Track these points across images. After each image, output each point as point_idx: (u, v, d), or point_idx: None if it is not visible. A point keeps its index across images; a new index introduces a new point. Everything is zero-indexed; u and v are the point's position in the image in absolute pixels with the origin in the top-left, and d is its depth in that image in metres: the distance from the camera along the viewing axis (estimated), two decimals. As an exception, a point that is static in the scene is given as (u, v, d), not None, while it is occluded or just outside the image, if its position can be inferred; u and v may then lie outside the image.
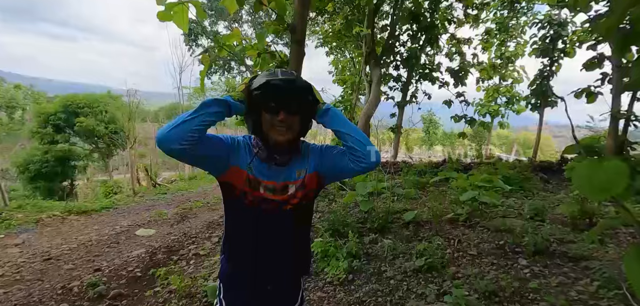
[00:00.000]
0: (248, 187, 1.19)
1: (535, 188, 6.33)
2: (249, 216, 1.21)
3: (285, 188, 1.22)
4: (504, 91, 15.54)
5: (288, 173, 1.23)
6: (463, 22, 11.75)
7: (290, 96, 1.12)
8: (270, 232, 1.22)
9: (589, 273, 2.55)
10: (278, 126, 1.13)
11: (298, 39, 3.89)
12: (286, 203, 1.22)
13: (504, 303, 2.24)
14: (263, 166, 1.20)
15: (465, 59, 11.84)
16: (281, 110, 1.11)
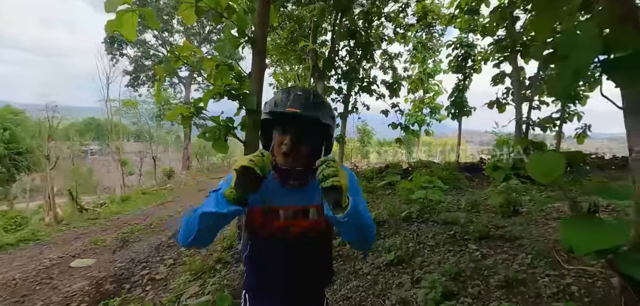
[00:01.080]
0: (266, 221, 1.13)
1: (464, 185, 7.29)
2: (269, 243, 1.17)
3: (306, 212, 1.15)
4: (428, 102, 17.55)
5: (309, 195, 1.14)
6: (393, 40, 13.00)
7: (299, 126, 1.07)
8: (294, 258, 1.17)
9: (522, 249, 3.12)
10: (285, 151, 1.08)
11: (259, 51, 3.96)
12: (308, 230, 1.15)
13: (467, 282, 2.63)
14: (281, 188, 1.14)
15: (397, 73, 13.07)
16: (288, 135, 1.07)
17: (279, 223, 1.14)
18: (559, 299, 2.21)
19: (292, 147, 1.07)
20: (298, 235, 1.15)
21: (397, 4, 11.86)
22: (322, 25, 10.61)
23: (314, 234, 1.17)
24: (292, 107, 1.04)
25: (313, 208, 1.14)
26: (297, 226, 1.14)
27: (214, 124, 3.96)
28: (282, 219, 1.14)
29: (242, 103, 4.01)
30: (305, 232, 1.15)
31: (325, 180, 0.92)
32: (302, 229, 1.15)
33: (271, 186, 1.12)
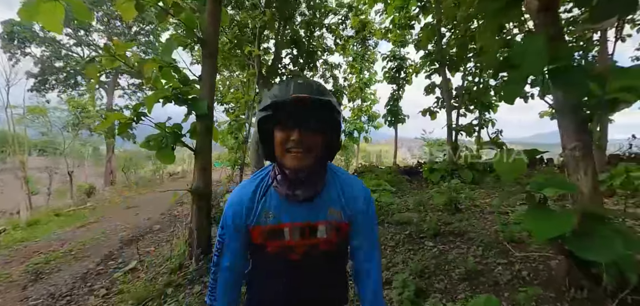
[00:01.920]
0: (269, 240, 1.00)
1: (406, 188, 7.79)
2: (272, 264, 1.04)
3: (314, 230, 1.00)
4: (365, 111, 18.53)
5: (317, 209, 0.99)
6: (333, 50, 13.46)
7: (306, 116, 0.88)
8: (300, 281, 1.04)
9: (472, 242, 3.42)
10: (293, 149, 0.89)
11: (211, 53, 3.71)
12: (316, 247, 1.01)
13: (432, 278, 2.77)
14: (286, 203, 0.98)
15: (338, 82, 13.53)
16: (296, 128, 0.87)
17: (283, 242, 1.00)
18: (514, 284, 2.46)
19: (300, 140, 0.87)
20: (304, 255, 1.01)
21: (337, 17, 12.33)
22: (265, 32, 10.48)
23: (323, 254, 1.02)
24: (297, 93, 0.85)
25: (322, 224, 1.00)
26: (303, 246, 1.01)
27: (158, 132, 3.56)
28: (287, 239, 1.00)
29: (191, 108, 3.68)
30: (312, 251, 1.01)
31: None
32: (309, 249, 1.01)
33: (273, 202, 0.99)
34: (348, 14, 11.95)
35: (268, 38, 11.37)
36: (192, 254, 3.77)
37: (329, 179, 1.02)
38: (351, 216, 1.03)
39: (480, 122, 11.76)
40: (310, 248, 1.01)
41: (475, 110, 11.52)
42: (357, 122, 18.16)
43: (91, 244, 6.16)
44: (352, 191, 1.03)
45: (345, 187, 1.03)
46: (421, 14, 10.82)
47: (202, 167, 3.76)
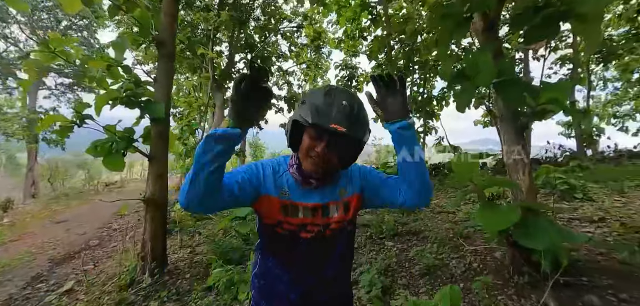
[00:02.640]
0: (283, 215, 1.05)
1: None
2: (284, 242, 1.08)
3: (326, 209, 1.08)
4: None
5: (330, 192, 1.09)
6: (288, 57, 13.51)
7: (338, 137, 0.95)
8: (310, 259, 1.09)
9: (427, 240, 3.69)
10: (314, 157, 0.98)
11: (168, 53, 3.52)
12: (328, 226, 1.08)
13: (396, 273, 2.93)
14: (301, 187, 1.07)
15: (293, 88, 13.58)
16: (322, 143, 0.96)
17: (297, 219, 1.06)
18: (467, 275, 2.71)
19: (325, 157, 0.98)
20: (317, 234, 1.08)
21: (291, 24, 12.42)
22: (217, 35, 10.16)
23: (334, 232, 1.09)
24: (337, 122, 0.92)
25: (333, 204, 1.09)
26: (315, 225, 1.07)
27: (107, 136, 3.27)
28: (301, 216, 1.06)
29: (144, 111, 3.44)
30: (324, 232, 1.08)
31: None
32: (321, 228, 1.08)
33: (289, 183, 1.07)
34: (303, 22, 12.11)
35: (221, 41, 11.03)
36: (146, 268, 3.50)
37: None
38: (358, 186, 1.14)
39: (425, 129, 12.70)
40: (323, 228, 1.07)
41: (420, 118, 12.42)
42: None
43: (13, 266, 5.34)
44: (352, 170, 1.16)
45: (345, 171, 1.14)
46: (372, 26, 11.40)
47: (157, 174, 3.52)
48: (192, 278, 3.59)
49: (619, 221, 3.82)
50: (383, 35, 10.15)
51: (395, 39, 10.23)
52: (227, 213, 5.54)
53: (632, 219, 3.86)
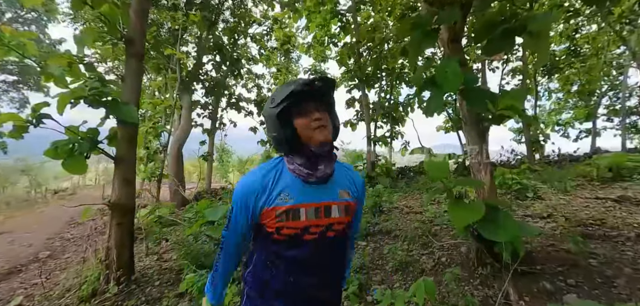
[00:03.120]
0: (284, 220, 1.04)
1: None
2: (285, 245, 1.07)
3: (328, 209, 1.09)
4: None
5: (330, 191, 1.10)
6: (258, 60, 13.39)
7: (315, 96, 1.06)
8: (312, 260, 1.09)
9: (398, 238, 3.86)
10: (318, 126, 1.04)
11: (137, 52, 3.39)
12: (330, 227, 1.09)
13: (371, 271, 3.04)
14: (302, 187, 1.07)
15: (262, 92, 13.47)
16: (315, 109, 1.05)
17: (298, 223, 1.05)
18: (437, 269, 2.89)
19: (321, 117, 1.05)
20: (320, 234, 1.08)
21: (262, 28, 12.35)
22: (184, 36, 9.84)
23: (336, 233, 1.11)
24: (303, 84, 1.03)
25: (335, 204, 1.10)
26: (318, 226, 1.08)
27: (67, 137, 3.06)
28: (303, 218, 1.05)
29: (109, 111, 3.27)
30: (326, 232, 1.09)
31: None
32: (323, 229, 1.08)
33: (289, 185, 1.06)
34: (273, 26, 12.08)
35: (187, 42, 10.69)
36: (110, 277, 3.30)
37: (336, 167, 1.14)
38: (355, 197, 1.18)
39: (392, 134, 13.19)
40: (325, 228, 1.08)
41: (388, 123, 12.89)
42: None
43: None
44: (355, 177, 1.21)
45: (349, 173, 1.20)
46: (341, 33, 11.68)
47: (124, 178, 3.35)
48: (162, 285, 3.45)
49: (564, 216, 4.26)
50: (352, 43, 10.44)
51: (364, 46, 10.56)
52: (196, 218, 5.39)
53: (575, 215, 4.32)
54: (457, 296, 2.37)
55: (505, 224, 2.34)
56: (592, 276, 2.51)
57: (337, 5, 10.90)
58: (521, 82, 14.07)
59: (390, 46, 10.39)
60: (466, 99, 2.45)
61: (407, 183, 9.00)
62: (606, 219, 4.01)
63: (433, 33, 2.74)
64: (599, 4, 5.99)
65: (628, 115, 15.90)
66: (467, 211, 2.32)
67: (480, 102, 2.40)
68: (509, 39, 2.53)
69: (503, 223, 2.35)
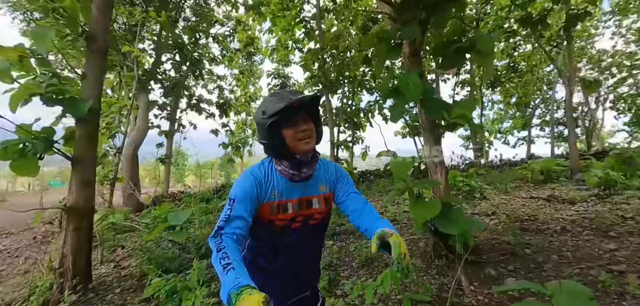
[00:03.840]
0: (276, 214, 1.22)
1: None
2: (276, 232, 1.25)
3: (309, 201, 1.28)
4: (250, 124, 18.61)
5: (311, 187, 1.28)
6: (219, 61, 13.10)
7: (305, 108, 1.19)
8: (297, 244, 1.29)
9: (363, 237, 4.08)
10: (304, 137, 1.18)
11: (100, 49, 3.26)
12: (312, 216, 1.29)
13: (339, 267, 3.20)
14: (288, 185, 1.24)
15: (224, 93, 13.17)
16: (303, 122, 1.18)
17: (287, 215, 1.24)
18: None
19: (308, 130, 1.19)
20: (303, 223, 1.28)
21: (224, 28, 12.13)
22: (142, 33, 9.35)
23: (316, 221, 1.31)
24: (295, 96, 1.14)
25: (315, 197, 1.29)
26: (302, 216, 1.27)
27: (18, 137, 2.84)
28: (290, 211, 1.25)
29: (66, 110, 3.10)
30: (309, 221, 1.29)
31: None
32: (306, 218, 1.28)
33: (278, 184, 1.24)
34: (236, 27, 11.92)
35: (144, 39, 10.15)
36: (65, 286, 3.11)
37: (317, 165, 1.31)
38: (333, 184, 1.34)
39: (354, 139, 13.65)
40: (307, 218, 1.28)
41: (349, 128, 13.32)
42: (241, 136, 18.00)
43: None
44: (328, 168, 1.36)
45: (324, 167, 1.35)
46: (305, 39, 11.89)
47: (82, 180, 3.18)
48: (124, 292, 3.32)
49: (505, 214, 4.81)
50: (316, 49, 10.68)
51: (328, 53, 10.85)
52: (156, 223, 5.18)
53: (514, 212, 4.90)
54: (417, 284, 2.63)
55: (457, 220, 2.64)
56: (527, 263, 2.91)
57: (302, 11, 11.09)
58: (469, 93, 15.38)
59: (353, 55, 10.80)
60: (425, 108, 2.74)
61: (368, 186, 9.40)
62: (538, 215, 4.61)
63: (397, 47, 3.01)
64: (532, 26, 6.82)
65: (556, 125, 18.04)
66: (426, 208, 2.59)
67: (436, 111, 2.69)
68: (461, 55, 2.88)
69: (456, 218, 2.66)
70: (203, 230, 4.93)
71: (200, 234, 4.64)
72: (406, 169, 2.56)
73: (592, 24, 16.96)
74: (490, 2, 10.82)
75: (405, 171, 2.54)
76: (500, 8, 10.77)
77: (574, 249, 3.16)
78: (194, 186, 15.52)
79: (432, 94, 2.79)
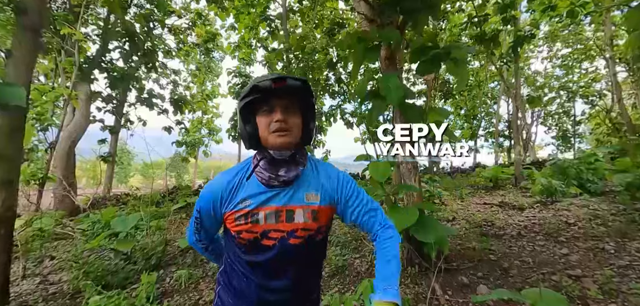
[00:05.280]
0: (242, 223, 0.99)
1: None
2: (246, 248, 1.01)
3: (291, 213, 1.00)
4: (206, 124, 17.67)
5: (295, 194, 1.01)
6: (174, 55, 12.23)
7: (283, 95, 0.97)
8: (275, 265, 1.01)
9: (331, 244, 3.94)
10: (276, 129, 0.96)
11: (33, 25, 2.73)
12: (293, 234, 1.00)
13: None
14: (263, 190, 1.00)
15: (178, 89, 12.31)
16: (278, 110, 0.96)
17: (258, 226, 0.98)
18: (371, 272, 3.03)
19: (282, 120, 0.96)
20: (280, 241, 0.99)
21: (182, 20, 11.37)
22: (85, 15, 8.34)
23: (301, 241, 1.01)
24: (277, 80, 0.94)
25: (299, 208, 1.00)
26: (278, 231, 0.99)
27: None
28: (262, 223, 0.98)
29: (-16, 94, 2.53)
30: (289, 238, 1.00)
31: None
32: (285, 235, 0.99)
33: (252, 188, 1.00)
34: (196, 21, 11.21)
35: (87, 22, 9.08)
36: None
37: (308, 167, 1.06)
38: (331, 196, 1.06)
39: (314, 143, 13.58)
40: (287, 234, 1.00)
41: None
42: (196, 135, 17.00)
43: None
44: (326, 174, 1.08)
45: (320, 171, 1.08)
46: (270, 38, 11.58)
47: (2, 180, 2.62)
48: (53, 314, 2.80)
49: (465, 219, 5.00)
50: (280, 49, 10.42)
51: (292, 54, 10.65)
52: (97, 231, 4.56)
53: (472, 217, 5.11)
54: (393, 295, 2.54)
55: (433, 227, 2.61)
56: (494, 269, 2.99)
57: (267, 9, 10.78)
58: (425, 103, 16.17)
59: (317, 58, 10.72)
60: (404, 112, 2.68)
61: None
62: (494, 221, 4.86)
63: (376, 48, 2.93)
64: (485, 44, 7.29)
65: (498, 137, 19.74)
66: (404, 215, 2.52)
67: (415, 116, 2.64)
68: (436, 63, 2.88)
69: (431, 225, 2.62)
70: (153, 238, 4.43)
71: (149, 241, 4.15)
72: (385, 170, 2.46)
73: (529, 47, 18.85)
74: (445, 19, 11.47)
75: (384, 175, 2.45)
76: (453, 25, 11.44)
77: (533, 255, 3.33)
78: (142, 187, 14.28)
79: (412, 98, 2.75)
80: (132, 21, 9.26)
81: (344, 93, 12.65)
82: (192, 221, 1.12)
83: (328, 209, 1.06)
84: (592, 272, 2.79)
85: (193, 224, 1.12)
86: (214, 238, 1.21)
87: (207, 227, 1.12)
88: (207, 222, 1.10)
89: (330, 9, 11.35)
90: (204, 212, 1.07)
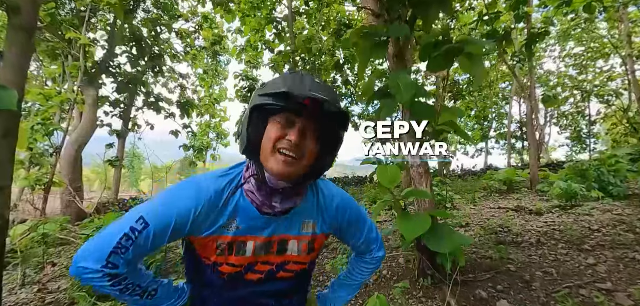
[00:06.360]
0: (224, 255, 0.80)
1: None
2: (221, 282, 0.83)
3: (283, 244, 0.84)
4: (214, 128, 17.70)
5: (290, 223, 0.84)
6: (181, 59, 12.25)
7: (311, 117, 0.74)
8: (255, 299, 0.87)
9: (337, 252, 3.77)
10: (285, 150, 0.73)
11: (25, 24, 2.62)
12: (282, 267, 0.86)
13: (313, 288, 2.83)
14: (255, 215, 0.80)
15: (186, 92, 12.33)
16: (295, 127, 0.73)
17: (243, 258, 0.81)
18: (380, 283, 2.84)
19: (297, 144, 0.72)
20: (267, 275, 0.85)
21: (189, 23, 11.38)
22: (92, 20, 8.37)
23: (290, 275, 0.87)
24: (315, 91, 0.71)
25: (294, 238, 0.85)
26: (267, 264, 0.84)
27: None
28: (249, 254, 0.81)
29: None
30: (277, 271, 0.85)
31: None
32: (273, 268, 0.85)
33: (241, 209, 0.79)
34: (202, 24, 11.20)
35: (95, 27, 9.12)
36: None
37: (307, 193, 0.87)
38: (330, 224, 0.91)
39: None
40: (276, 267, 0.85)
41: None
42: (204, 139, 17.03)
43: None
44: (326, 199, 0.90)
45: (320, 195, 0.89)
46: (276, 40, 11.50)
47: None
48: (45, 326, 2.68)
49: (479, 225, 4.75)
50: (287, 51, 10.32)
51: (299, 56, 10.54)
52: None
53: (487, 223, 4.85)
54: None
55: (447, 235, 2.40)
56: (514, 281, 2.75)
57: (273, 11, 10.72)
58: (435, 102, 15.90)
59: (323, 60, 10.58)
60: (414, 111, 2.49)
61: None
62: (511, 227, 4.59)
63: (383, 44, 2.74)
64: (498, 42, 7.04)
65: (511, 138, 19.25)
66: (415, 223, 2.32)
67: (425, 115, 2.44)
68: (449, 58, 2.67)
69: (446, 234, 2.41)
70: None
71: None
72: (394, 178, 2.27)
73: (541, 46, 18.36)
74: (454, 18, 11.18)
75: (393, 180, 2.25)
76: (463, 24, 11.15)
77: (555, 265, 3.07)
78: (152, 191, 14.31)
79: (423, 96, 2.55)
80: (139, 26, 9.29)
81: (351, 95, 12.48)
82: (117, 236, 0.71)
83: (324, 237, 0.92)
84: (624, 285, 2.54)
85: (119, 242, 0.70)
86: (136, 268, 0.79)
87: (141, 253, 0.75)
88: (151, 243, 0.74)
89: (337, 11, 11.21)
90: (158, 228, 0.73)
